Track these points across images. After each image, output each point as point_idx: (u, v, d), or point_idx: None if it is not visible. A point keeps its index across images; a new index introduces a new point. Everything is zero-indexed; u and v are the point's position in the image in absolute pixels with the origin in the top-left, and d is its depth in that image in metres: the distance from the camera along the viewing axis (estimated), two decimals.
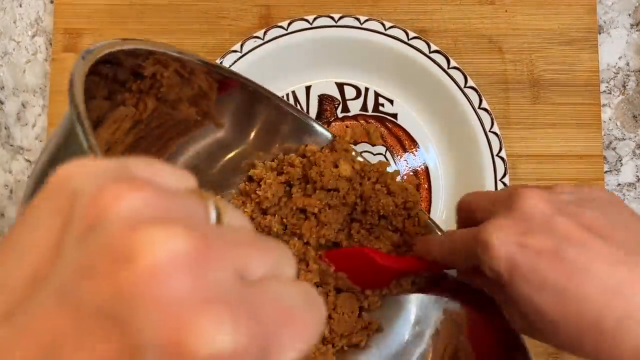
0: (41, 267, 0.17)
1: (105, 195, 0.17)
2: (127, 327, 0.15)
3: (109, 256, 0.16)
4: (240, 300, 0.16)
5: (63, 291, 0.16)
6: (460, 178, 0.54)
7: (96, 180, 0.17)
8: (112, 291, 0.15)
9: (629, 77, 0.58)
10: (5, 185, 0.58)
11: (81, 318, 0.16)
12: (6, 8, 0.60)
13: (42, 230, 0.18)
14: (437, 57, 0.53)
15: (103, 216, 0.17)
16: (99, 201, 0.17)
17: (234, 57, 0.53)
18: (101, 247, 0.16)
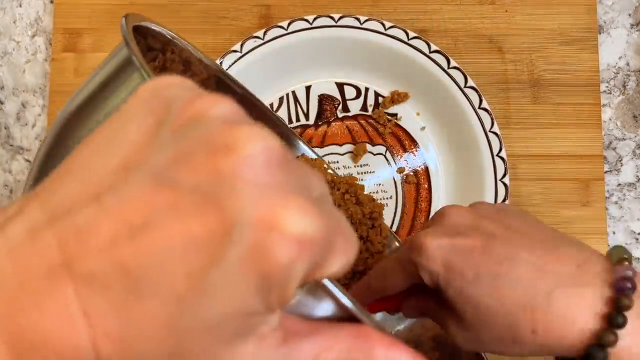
0: (132, 157, 0.18)
1: (203, 99, 0.19)
2: (224, 205, 0.17)
3: (209, 146, 0.18)
4: (315, 200, 0.18)
5: (159, 175, 0.17)
6: (460, 178, 0.54)
7: (189, 91, 0.20)
8: (211, 175, 0.17)
9: (629, 77, 0.58)
10: (5, 185, 0.58)
11: (177, 197, 0.17)
12: (6, 8, 0.60)
13: (135, 127, 0.19)
14: (437, 57, 0.53)
15: (201, 115, 0.18)
16: (197, 104, 0.19)
17: (234, 57, 0.53)
18: (200, 139, 0.18)
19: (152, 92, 0.20)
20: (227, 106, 0.19)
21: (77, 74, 0.57)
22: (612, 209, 0.56)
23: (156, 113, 0.19)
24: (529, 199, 0.55)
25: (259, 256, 0.17)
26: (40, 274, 0.17)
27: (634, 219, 0.56)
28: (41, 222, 0.18)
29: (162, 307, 0.17)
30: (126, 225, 0.17)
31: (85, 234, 0.17)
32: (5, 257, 0.17)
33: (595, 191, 0.55)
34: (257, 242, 0.17)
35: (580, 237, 0.54)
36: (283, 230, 0.17)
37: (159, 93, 0.20)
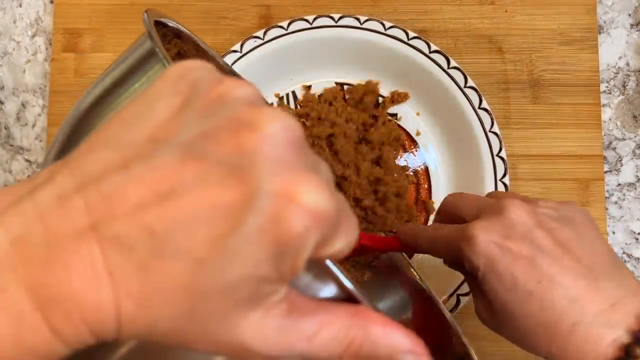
0: (161, 131, 0.19)
1: (227, 82, 0.21)
2: (247, 176, 0.18)
3: (234, 124, 0.19)
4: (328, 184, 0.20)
5: (187, 147, 0.19)
6: (460, 178, 0.54)
7: (214, 74, 0.21)
8: (235, 149, 0.19)
9: (629, 77, 0.58)
10: (5, 185, 0.58)
11: (203, 168, 0.18)
12: (6, 8, 0.60)
13: (163, 105, 0.20)
14: (437, 57, 0.53)
15: (226, 96, 0.20)
16: (221, 86, 0.20)
17: (234, 57, 0.53)
18: (226, 118, 0.19)
19: (179, 74, 0.21)
20: (249, 89, 0.21)
21: (77, 74, 0.57)
22: (612, 209, 0.56)
23: (183, 93, 0.20)
24: None
25: (277, 224, 0.18)
26: (69, 236, 0.18)
27: (634, 219, 0.56)
28: (70, 188, 0.19)
29: (184, 269, 0.18)
30: (153, 191, 0.18)
31: (113, 198, 0.18)
32: (36, 221, 0.18)
33: (595, 191, 0.55)
34: (275, 212, 0.18)
35: None
36: (299, 202, 0.18)
37: (185, 75, 0.21)
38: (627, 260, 0.56)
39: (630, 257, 0.56)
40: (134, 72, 0.32)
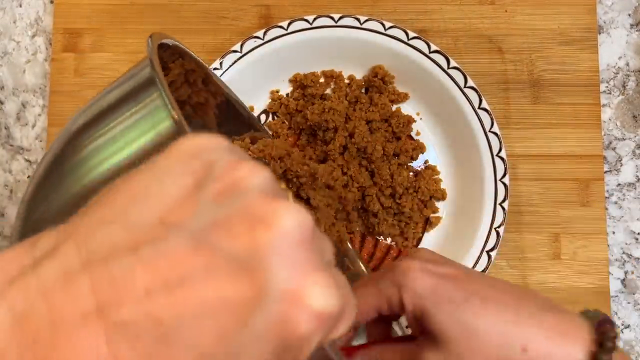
0: (170, 215, 0.19)
1: (243, 167, 0.21)
2: (258, 274, 0.18)
3: (248, 216, 0.19)
4: (330, 272, 0.20)
5: (199, 237, 0.19)
6: (460, 178, 0.54)
7: (229, 155, 0.21)
8: (248, 244, 0.19)
9: (629, 77, 0.58)
10: (5, 185, 0.58)
11: (215, 260, 0.18)
12: (6, 8, 0.60)
13: (174, 183, 0.20)
14: (437, 57, 0.53)
15: (241, 184, 0.20)
16: (237, 172, 0.20)
17: (234, 57, 0.53)
18: (240, 209, 0.19)
19: (194, 152, 0.21)
20: (265, 176, 0.21)
21: (77, 74, 0.57)
22: (611, 209, 0.56)
23: (197, 174, 0.20)
24: (528, 199, 0.55)
25: (284, 325, 0.19)
26: (74, 318, 0.18)
27: (634, 219, 0.56)
28: (76, 265, 0.18)
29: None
30: (162, 279, 0.18)
31: (120, 282, 0.18)
32: (40, 299, 0.18)
33: (595, 191, 0.55)
34: (283, 313, 0.19)
35: (581, 237, 0.55)
36: (308, 305, 0.19)
37: (200, 154, 0.21)
38: (627, 260, 0.56)
39: (630, 257, 0.56)
40: (131, 98, 0.32)
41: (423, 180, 0.54)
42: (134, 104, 0.31)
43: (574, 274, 0.54)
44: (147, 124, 0.30)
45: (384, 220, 0.53)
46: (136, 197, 0.20)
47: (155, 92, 0.30)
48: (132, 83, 0.33)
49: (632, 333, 0.55)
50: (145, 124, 0.30)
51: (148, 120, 0.30)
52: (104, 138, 0.31)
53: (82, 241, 0.19)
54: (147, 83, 0.31)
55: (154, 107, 0.30)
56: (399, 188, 0.53)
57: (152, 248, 0.18)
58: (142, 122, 0.31)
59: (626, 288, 0.56)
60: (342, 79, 0.56)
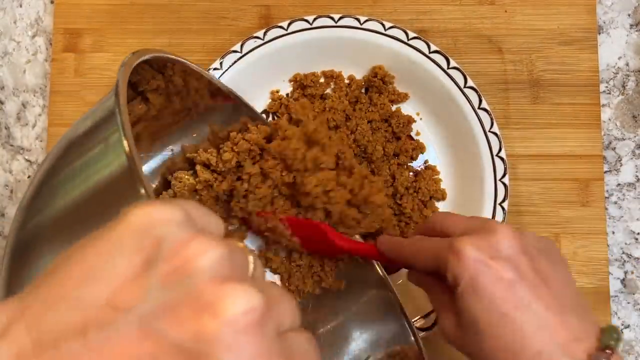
0: (119, 296, 0.20)
1: (191, 247, 0.21)
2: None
3: (196, 303, 0.19)
4: (282, 351, 0.21)
5: (146, 323, 0.19)
6: (460, 178, 0.54)
7: (179, 231, 0.21)
8: (195, 332, 0.19)
9: (629, 77, 0.58)
10: (6, 185, 0.58)
11: (162, 348, 0.19)
12: (6, 8, 0.60)
13: (123, 263, 0.20)
14: (437, 57, 0.53)
15: (190, 267, 0.20)
16: (186, 251, 0.21)
17: (234, 57, 0.53)
18: (188, 294, 0.20)
19: (145, 226, 0.21)
20: (216, 255, 0.21)
21: (77, 74, 0.58)
22: (611, 209, 0.56)
23: (146, 251, 0.21)
24: (528, 199, 0.55)
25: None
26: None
27: (634, 218, 0.56)
28: (28, 348, 0.19)
29: None
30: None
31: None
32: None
33: (594, 191, 0.55)
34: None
35: (580, 237, 0.55)
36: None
37: (150, 229, 0.21)
38: (627, 260, 0.56)
39: (630, 257, 0.56)
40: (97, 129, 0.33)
41: (423, 180, 0.54)
42: (97, 136, 0.32)
43: (573, 274, 0.54)
44: (105, 159, 0.31)
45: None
46: (87, 274, 0.20)
47: (114, 125, 0.30)
48: (100, 112, 0.33)
49: (632, 333, 0.55)
50: (103, 159, 0.31)
51: (106, 156, 0.31)
52: (71, 168, 0.33)
53: (33, 321, 0.19)
54: (110, 115, 0.31)
55: (113, 142, 0.31)
56: (400, 188, 0.53)
57: (100, 333, 0.19)
58: (100, 157, 0.32)
59: (626, 288, 0.56)
60: (342, 79, 0.56)
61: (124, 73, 0.33)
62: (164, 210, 0.22)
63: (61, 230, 0.31)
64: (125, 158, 0.29)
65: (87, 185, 0.31)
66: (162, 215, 0.22)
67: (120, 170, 0.30)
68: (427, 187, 0.53)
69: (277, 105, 0.56)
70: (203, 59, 0.57)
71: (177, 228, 0.21)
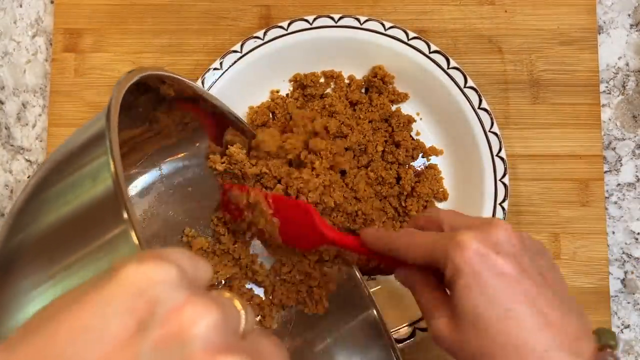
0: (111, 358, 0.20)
1: (186, 313, 0.20)
2: None
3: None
4: None
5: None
6: (460, 178, 0.54)
7: (173, 293, 0.21)
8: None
9: (629, 77, 0.58)
10: (6, 185, 0.58)
11: None
12: (6, 8, 0.60)
13: (116, 325, 0.20)
14: (437, 57, 0.53)
15: (184, 334, 0.20)
16: (182, 316, 0.20)
17: (234, 57, 0.53)
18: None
19: (140, 285, 0.21)
20: (210, 322, 0.21)
21: (77, 74, 0.58)
22: (611, 209, 0.56)
23: (139, 313, 0.20)
24: (528, 199, 0.55)
25: None
26: None
27: (634, 218, 0.56)
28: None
29: None
30: None
31: None
32: None
33: (594, 191, 0.55)
34: None
35: (580, 237, 0.55)
36: None
37: (145, 291, 0.21)
38: (627, 260, 0.56)
39: (630, 257, 0.56)
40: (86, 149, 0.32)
41: (426, 180, 0.54)
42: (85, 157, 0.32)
43: (573, 274, 0.54)
44: (91, 181, 0.31)
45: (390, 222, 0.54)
46: (79, 333, 0.20)
47: (103, 147, 0.30)
48: (91, 131, 0.33)
49: (632, 333, 0.55)
50: (89, 181, 0.31)
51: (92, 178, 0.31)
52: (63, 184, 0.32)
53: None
54: (100, 136, 0.31)
55: (100, 165, 0.30)
56: (407, 187, 0.53)
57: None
58: (86, 178, 0.31)
59: (626, 288, 0.56)
60: (342, 79, 0.56)
61: (117, 94, 0.33)
62: (159, 270, 0.22)
63: (44, 251, 0.31)
64: (111, 182, 0.29)
65: (72, 205, 0.31)
66: (156, 275, 0.21)
67: (106, 194, 0.29)
68: (430, 187, 0.53)
69: (275, 105, 0.56)
70: (203, 59, 0.57)
71: (171, 289, 0.21)
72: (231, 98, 0.54)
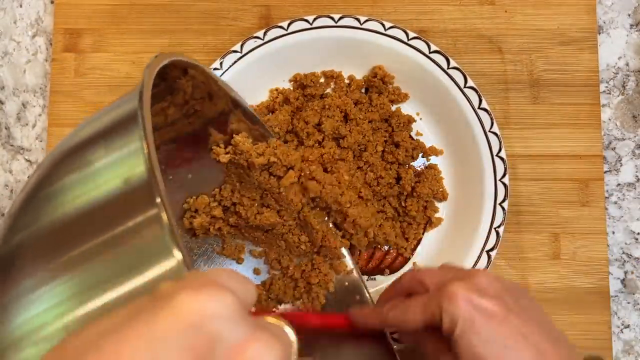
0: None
1: (252, 348, 0.19)
2: None
3: None
4: None
5: None
6: (460, 178, 0.54)
7: (234, 329, 0.20)
8: None
9: (629, 77, 0.58)
10: (6, 185, 0.58)
11: None
12: (6, 8, 0.60)
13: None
14: (437, 57, 0.53)
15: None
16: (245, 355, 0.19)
17: (234, 57, 0.53)
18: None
19: (196, 320, 0.19)
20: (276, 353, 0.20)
21: (77, 74, 0.58)
22: (611, 209, 0.56)
23: (197, 351, 0.19)
24: (528, 199, 0.55)
25: None
26: None
27: (634, 218, 0.56)
28: None
29: None
30: None
31: None
32: None
33: (594, 191, 0.55)
34: None
35: (580, 237, 0.55)
36: None
37: (204, 324, 0.19)
38: (627, 260, 0.56)
39: (630, 257, 0.56)
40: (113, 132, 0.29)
41: (426, 180, 0.54)
42: (113, 141, 0.29)
43: (573, 274, 0.54)
44: (121, 168, 0.28)
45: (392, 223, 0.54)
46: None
47: (136, 132, 0.27)
48: (119, 113, 0.30)
49: (632, 333, 0.55)
50: (119, 168, 0.28)
51: (123, 164, 0.28)
52: (78, 174, 0.29)
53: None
54: (130, 119, 0.28)
55: (132, 150, 0.27)
56: (407, 187, 0.53)
57: None
58: (116, 165, 0.28)
59: (626, 288, 0.56)
60: (342, 79, 0.56)
61: (149, 74, 0.30)
62: (215, 301, 0.20)
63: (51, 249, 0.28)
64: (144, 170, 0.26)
65: (88, 198, 0.28)
66: (214, 307, 0.20)
67: (136, 185, 0.26)
68: (430, 187, 0.53)
69: (275, 103, 0.56)
70: (203, 59, 0.57)
71: (231, 324, 0.20)
72: None
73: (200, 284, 0.20)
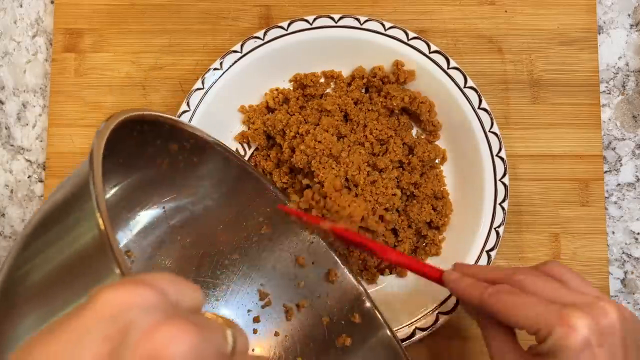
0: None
1: (162, 333, 0.20)
2: None
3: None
4: None
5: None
6: (460, 178, 0.54)
7: (147, 317, 0.21)
8: None
9: (629, 77, 0.58)
10: (6, 185, 0.58)
11: None
12: (7, 8, 0.60)
13: (89, 351, 0.20)
14: (437, 57, 0.53)
15: (158, 358, 0.20)
16: (155, 340, 0.20)
17: (234, 57, 0.53)
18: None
19: (112, 311, 0.20)
20: (185, 346, 0.20)
21: (77, 74, 0.58)
22: (611, 209, 0.56)
23: (112, 339, 0.20)
24: (528, 199, 0.55)
25: None
26: None
27: (634, 218, 0.56)
28: None
29: None
30: None
31: None
32: None
33: (594, 191, 0.55)
34: None
35: (580, 237, 0.55)
36: None
37: (118, 317, 0.20)
38: (627, 260, 0.56)
39: (630, 257, 0.56)
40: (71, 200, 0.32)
41: (428, 179, 0.54)
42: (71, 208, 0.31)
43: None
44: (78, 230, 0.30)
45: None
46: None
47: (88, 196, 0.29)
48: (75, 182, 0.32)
49: None
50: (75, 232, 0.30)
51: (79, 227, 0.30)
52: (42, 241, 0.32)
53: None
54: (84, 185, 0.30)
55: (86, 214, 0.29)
56: (410, 187, 0.53)
57: None
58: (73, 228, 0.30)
59: (626, 288, 0.56)
60: (342, 79, 0.56)
61: (98, 142, 0.31)
62: (133, 293, 0.21)
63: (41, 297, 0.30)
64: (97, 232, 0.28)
65: (61, 256, 0.30)
66: (130, 298, 0.21)
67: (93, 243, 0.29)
68: (432, 187, 0.53)
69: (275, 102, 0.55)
70: (203, 59, 0.57)
71: (145, 312, 0.21)
72: (231, 98, 0.55)
73: (124, 282, 0.22)
